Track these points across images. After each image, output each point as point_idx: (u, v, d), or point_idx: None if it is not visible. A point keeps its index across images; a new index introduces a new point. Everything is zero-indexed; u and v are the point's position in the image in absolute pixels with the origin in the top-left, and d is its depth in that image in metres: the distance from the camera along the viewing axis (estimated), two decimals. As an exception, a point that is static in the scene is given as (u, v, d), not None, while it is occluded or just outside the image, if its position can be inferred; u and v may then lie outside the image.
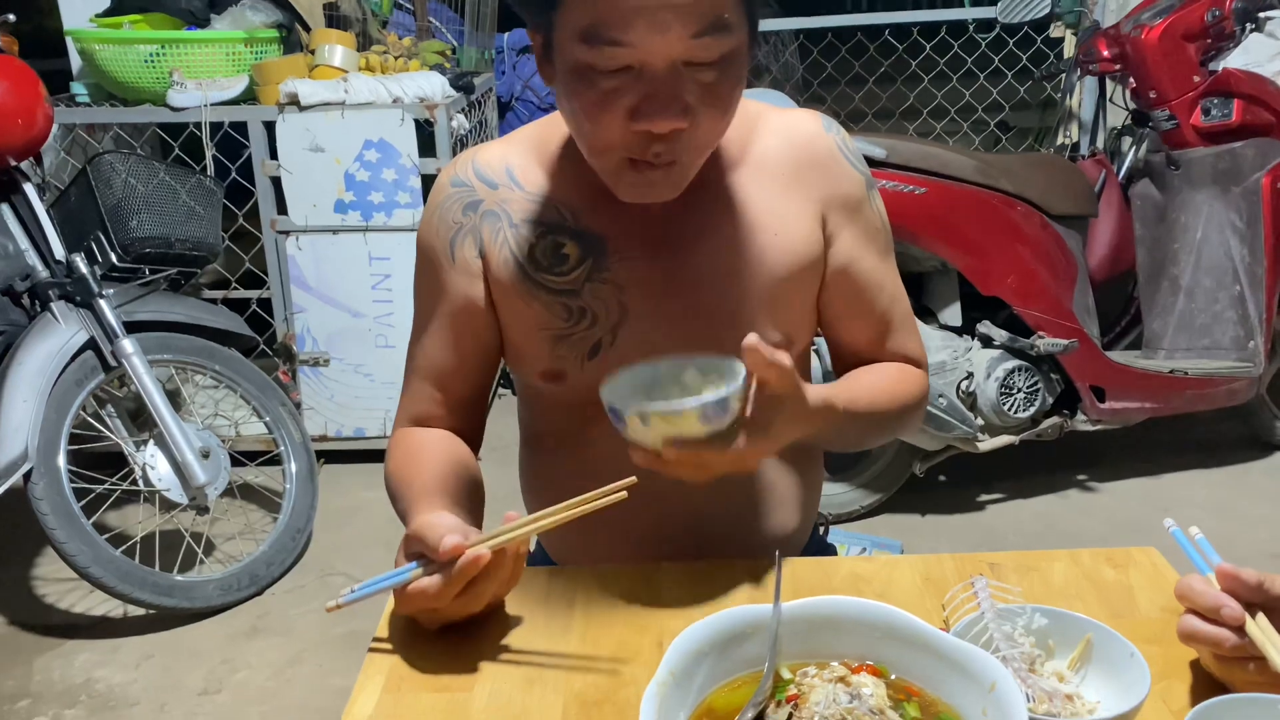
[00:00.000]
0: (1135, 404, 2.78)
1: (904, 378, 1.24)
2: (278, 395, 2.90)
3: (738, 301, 1.16)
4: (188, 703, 2.32)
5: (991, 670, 0.75)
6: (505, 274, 1.17)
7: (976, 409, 2.68)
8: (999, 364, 2.66)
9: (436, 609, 0.96)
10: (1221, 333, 2.82)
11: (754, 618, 0.83)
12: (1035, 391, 2.69)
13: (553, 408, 1.25)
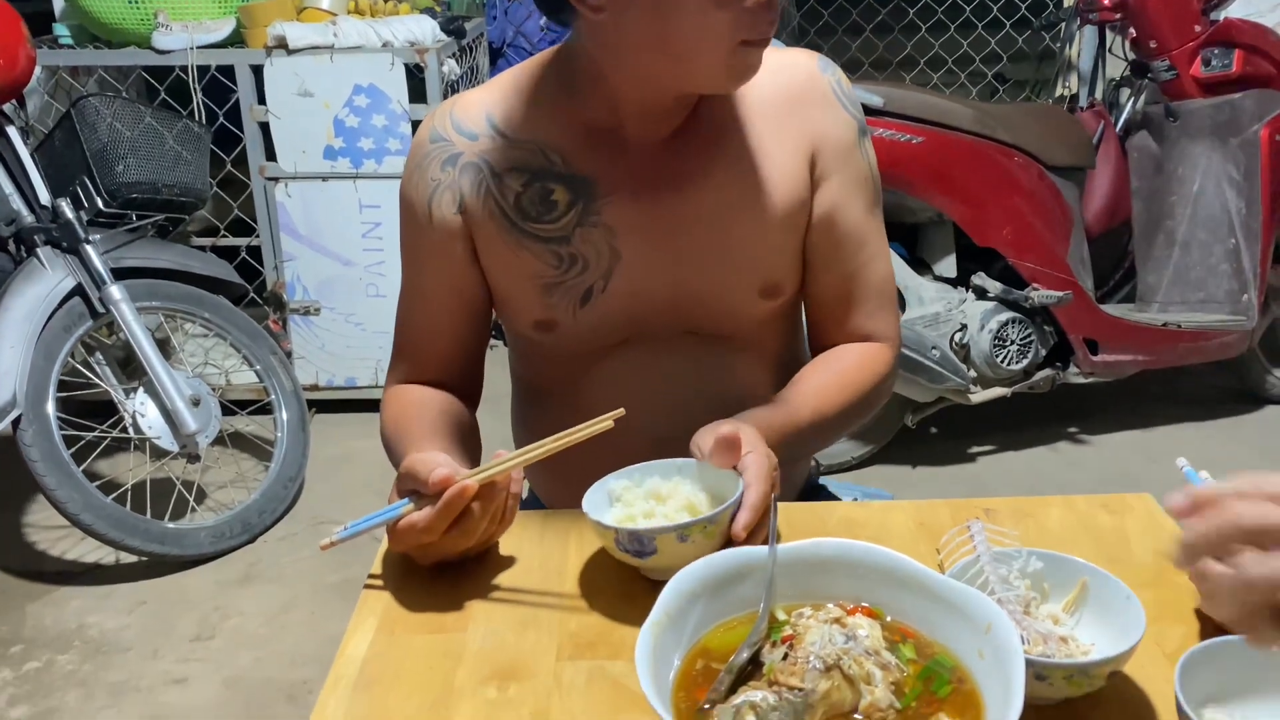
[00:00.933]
0: (1128, 357, 2.78)
1: (860, 368, 1.21)
2: (268, 343, 2.88)
3: (730, 245, 1.14)
4: (180, 648, 2.33)
5: (987, 612, 0.74)
6: (490, 227, 1.14)
7: (969, 361, 2.68)
8: (993, 316, 2.65)
9: (428, 544, 0.95)
10: (1216, 286, 2.81)
11: (749, 559, 0.83)
12: (1028, 344, 2.68)
13: (545, 357, 1.24)
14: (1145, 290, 2.92)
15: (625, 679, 0.86)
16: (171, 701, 2.17)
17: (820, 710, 0.72)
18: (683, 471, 1.03)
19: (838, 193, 1.17)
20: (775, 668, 0.74)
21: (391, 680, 0.87)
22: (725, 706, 0.72)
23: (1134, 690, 0.81)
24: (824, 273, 1.21)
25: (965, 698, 0.73)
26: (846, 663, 0.73)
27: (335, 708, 0.84)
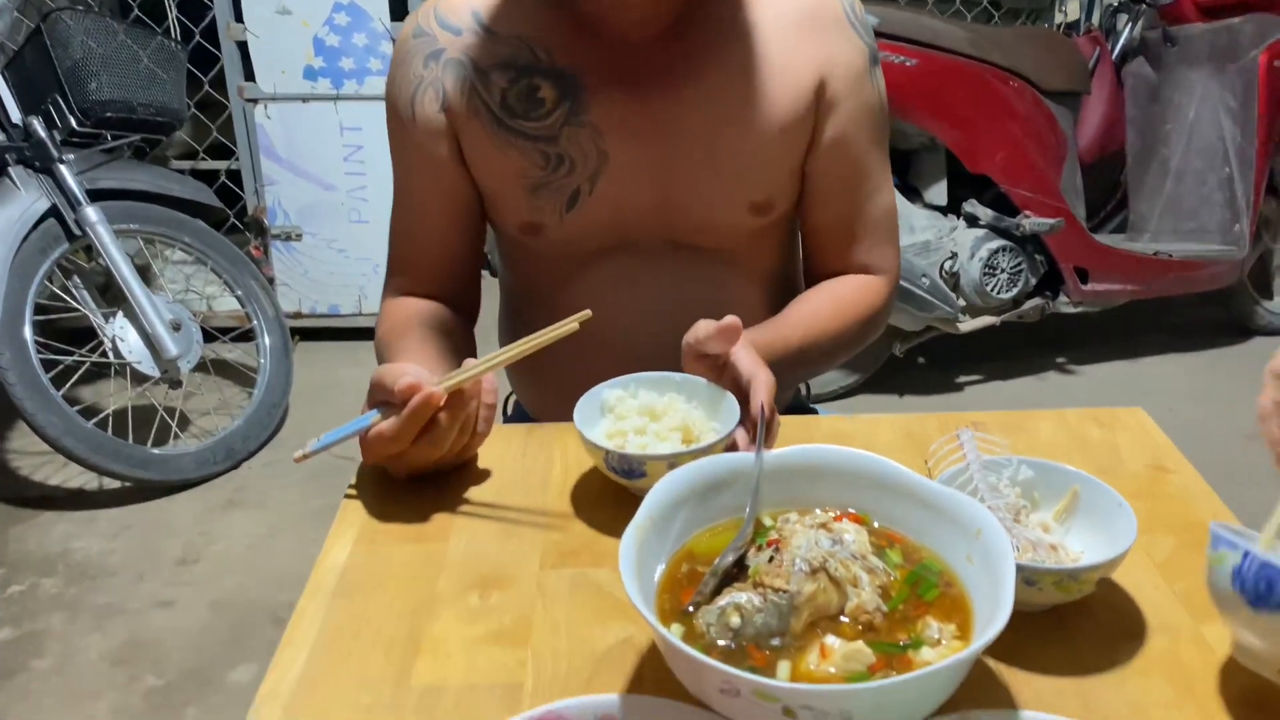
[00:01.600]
0: (1118, 286, 2.76)
1: (856, 298, 1.19)
2: (249, 269, 2.84)
3: (721, 154, 1.11)
4: (166, 572, 2.33)
5: (977, 516, 0.73)
6: (475, 124, 1.11)
7: (959, 289, 2.66)
8: (983, 244, 2.62)
9: (398, 455, 0.93)
10: (1208, 216, 2.79)
11: (735, 465, 0.81)
12: (1018, 272, 2.66)
13: (532, 262, 1.22)
14: (1137, 220, 2.90)
15: (609, 586, 0.84)
16: (157, 624, 2.17)
17: (806, 612, 0.70)
18: (679, 388, 1.01)
19: (845, 120, 1.14)
20: (761, 570, 0.73)
21: (371, 588, 0.85)
22: (710, 608, 0.70)
23: (1123, 598, 0.81)
24: (825, 202, 1.18)
25: (953, 602, 0.72)
26: (833, 565, 0.72)
27: (314, 615, 0.83)
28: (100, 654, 2.08)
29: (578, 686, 0.74)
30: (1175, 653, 0.75)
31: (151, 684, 2.00)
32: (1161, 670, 0.74)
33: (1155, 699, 0.71)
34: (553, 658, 0.77)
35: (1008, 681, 0.73)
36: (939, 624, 0.70)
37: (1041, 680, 0.73)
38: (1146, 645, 0.76)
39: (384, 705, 0.73)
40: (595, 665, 0.76)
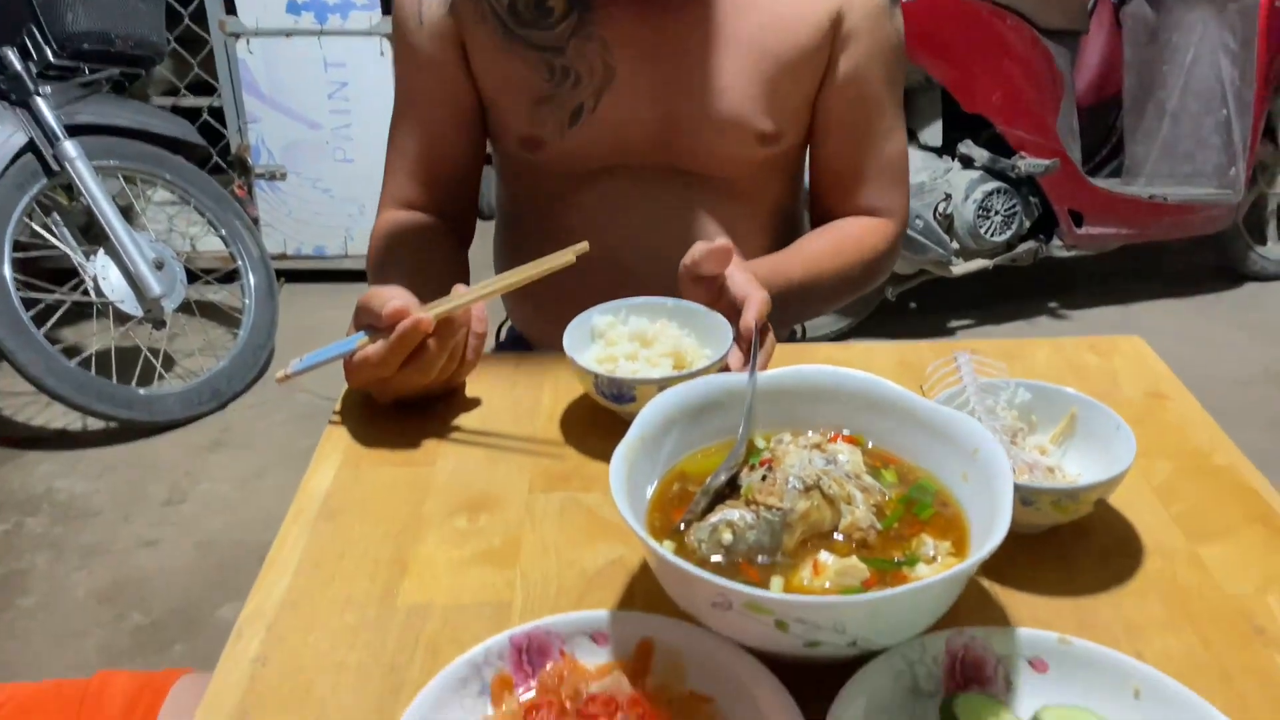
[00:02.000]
0: (1112, 230, 2.74)
1: (861, 239, 1.17)
2: (233, 208, 2.80)
3: (730, 78, 1.08)
4: (152, 512, 2.31)
5: (975, 436, 0.71)
6: (482, 31, 1.08)
7: (953, 232, 2.63)
8: (978, 185, 2.60)
9: (385, 379, 0.91)
10: (1204, 159, 2.76)
11: (728, 386, 0.79)
12: (1013, 214, 2.64)
13: (531, 180, 1.19)
14: (1132, 163, 2.87)
15: (599, 509, 0.83)
16: (143, 564, 2.16)
17: (799, 530, 0.69)
18: (671, 314, 0.99)
19: (861, 56, 1.11)
20: (753, 488, 0.71)
21: (356, 511, 0.84)
22: (702, 524, 0.69)
23: (1119, 520, 0.80)
24: (836, 139, 1.15)
25: (948, 521, 0.71)
26: (826, 483, 0.71)
27: (297, 538, 0.81)
28: (87, 592, 2.07)
29: (568, 605, 0.72)
30: (1171, 574, 0.74)
31: (138, 622, 1.99)
32: (1157, 591, 0.73)
33: (1151, 619, 0.71)
34: (542, 578, 0.76)
35: (1003, 602, 0.72)
36: (934, 541, 0.68)
37: (1037, 600, 0.72)
38: (1143, 567, 0.75)
39: (369, 624, 0.72)
40: (585, 585, 0.75)
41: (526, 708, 0.63)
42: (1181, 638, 0.69)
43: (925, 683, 0.63)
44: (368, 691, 0.67)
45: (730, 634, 0.64)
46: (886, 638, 0.62)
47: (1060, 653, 0.64)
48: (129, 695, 0.90)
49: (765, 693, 0.61)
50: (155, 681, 0.92)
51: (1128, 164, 2.89)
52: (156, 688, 0.91)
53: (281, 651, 0.70)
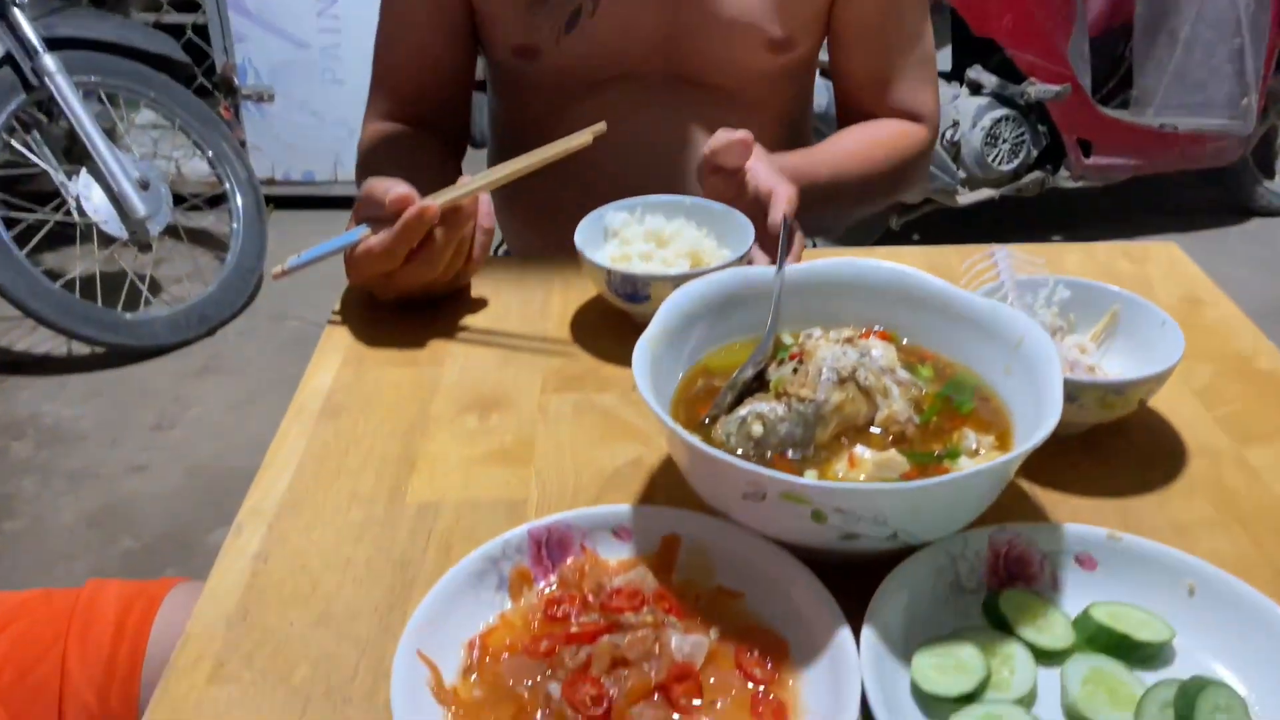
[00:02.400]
0: (1121, 160, 2.69)
1: (893, 140, 1.12)
2: (220, 128, 2.71)
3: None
4: (140, 437, 2.27)
5: (1018, 326, 0.68)
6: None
7: (959, 160, 2.58)
8: (986, 112, 2.54)
9: (389, 273, 0.86)
10: (1216, 89, 2.70)
11: (753, 280, 0.75)
12: (1020, 143, 2.58)
13: (526, 94, 1.13)
14: (1142, 93, 2.80)
15: (615, 410, 0.79)
16: (133, 489, 2.12)
17: (833, 423, 0.65)
18: (689, 213, 0.94)
19: None
20: (784, 380, 0.67)
21: (360, 409, 0.80)
22: (730, 418, 0.65)
23: (1160, 422, 0.76)
24: (863, 45, 1.10)
25: (991, 414, 0.67)
26: (862, 374, 0.67)
27: (298, 436, 0.77)
28: (75, 517, 2.04)
29: (585, 504, 0.69)
30: (1217, 475, 0.71)
31: (128, 546, 1.96)
32: (1204, 491, 0.70)
33: (1198, 518, 0.67)
34: (558, 477, 0.72)
35: (1043, 502, 0.69)
36: (977, 435, 0.65)
37: (1079, 501, 0.69)
38: (1187, 468, 0.72)
39: (377, 521, 0.68)
40: (603, 484, 0.71)
41: (547, 601, 0.59)
42: (1231, 537, 0.66)
43: (967, 579, 0.60)
44: (377, 586, 0.63)
45: (761, 528, 0.60)
46: (928, 531, 0.59)
47: (1109, 549, 0.60)
48: (122, 604, 0.86)
49: (799, 587, 0.58)
50: (149, 590, 0.89)
51: (1137, 94, 2.83)
52: (150, 596, 0.88)
53: (283, 549, 0.66)
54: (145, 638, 0.84)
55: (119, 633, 0.84)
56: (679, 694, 0.54)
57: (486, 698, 0.54)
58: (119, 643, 0.83)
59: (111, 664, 0.82)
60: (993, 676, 0.55)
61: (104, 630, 0.84)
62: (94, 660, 0.83)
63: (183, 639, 0.60)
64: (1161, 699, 0.52)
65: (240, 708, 0.55)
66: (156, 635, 0.84)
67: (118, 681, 0.82)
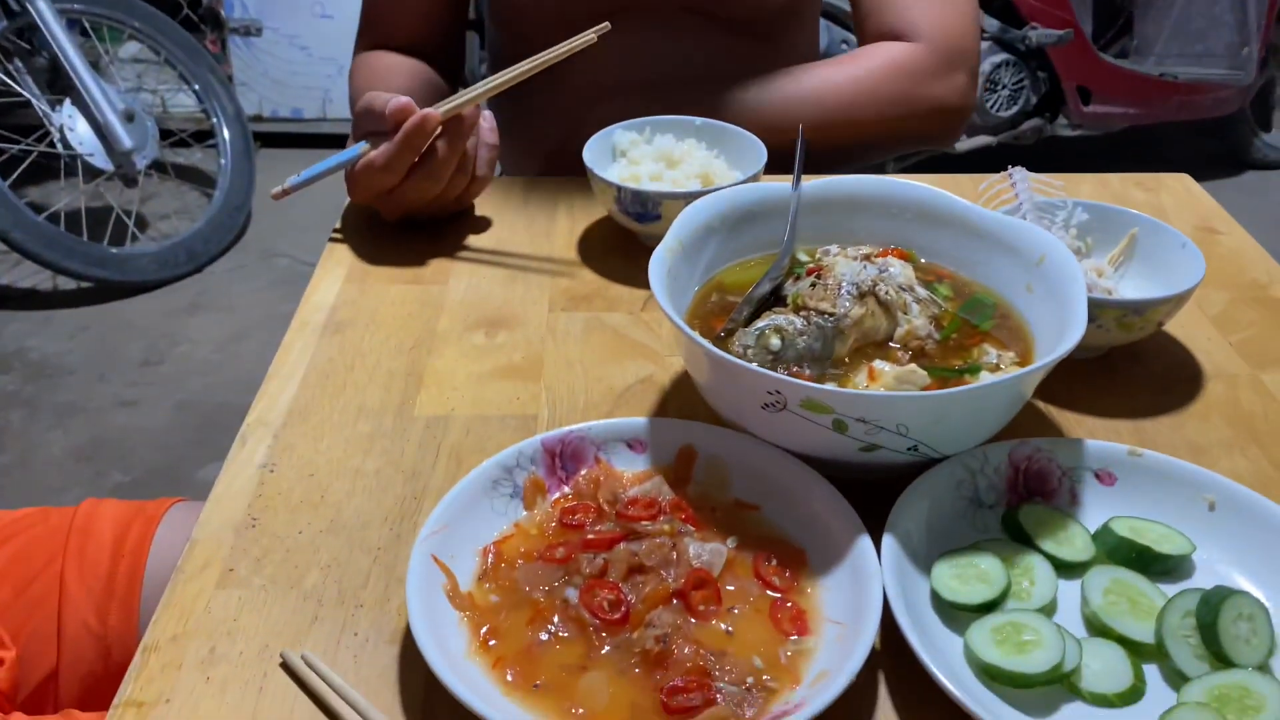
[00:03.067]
0: (1119, 109, 2.67)
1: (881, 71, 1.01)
2: (207, 61, 2.66)
3: None
4: (128, 373, 2.25)
5: (1040, 242, 0.66)
6: None
7: (957, 105, 2.55)
8: (986, 57, 2.51)
9: (392, 190, 0.84)
10: (1216, 38, 2.68)
11: (770, 195, 0.73)
12: (1020, 89, 2.56)
13: (527, 23, 1.09)
14: (1142, 42, 2.78)
15: (625, 328, 0.78)
16: (121, 423, 2.10)
17: (852, 337, 0.64)
18: (699, 133, 0.92)
19: None
20: (803, 294, 0.66)
21: (365, 325, 0.78)
22: (748, 330, 0.64)
23: (1176, 347, 0.76)
24: None
25: (1011, 331, 0.66)
26: (883, 289, 0.65)
27: (302, 349, 0.76)
28: (64, 450, 2.02)
29: (597, 419, 0.67)
30: (1234, 398, 0.71)
31: (118, 480, 1.95)
32: (1221, 413, 0.69)
33: (1215, 439, 0.67)
34: (569, 393, 0.71)
35: (1060, 422, 0.68)
36: (997, 351, 0.64)
37: (1096, 422, 0.68)
38: (1204, 391, 0.71)
39: (385, 433, 0.67)
40: (614, 400, 0.70)
41: (562, 509, 0.59)
42: (1249, 458, 0.65)
43: (986, 494, 0.60)
44: (387, 496, 0.62)
45: (779, 439, 0.59)
46: (948, 444, 0.58)
47: (1129, 464, 0.60)
48: (120, 523, 0.85)
49: (818, 497, 0.57)
50: (148, 510, 0.87)
51: (1137, 43, 2.80)
52: (149, 516, 0.86)
53: (290, 458, 0.65)
54: (144, 557, 0.83)
55: (117, 551, 0.83)
56: (697, 600, 0.53)
57: (503, 602, 0.53)
58: (117, 561, 0.82)
59: (110, 583, 0.81)
60: (1012, 587, 0.54)
61: (101, 549, 0.83)
62: (92, 578, 0.82)
63: (189, 545, 0.59)
64: (1183, 608, 0.52)
65: (251, 611, 0.55)
66: (155, 554, 0.83)
67: (117, 600, 0.81)
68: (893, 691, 0.51)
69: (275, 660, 0.52)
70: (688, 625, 0.52)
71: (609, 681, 0.49)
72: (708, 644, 0.51)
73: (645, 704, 0.48)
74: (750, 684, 0.49)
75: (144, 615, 0.81)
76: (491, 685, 0.49)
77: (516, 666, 0.50)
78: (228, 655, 0.52)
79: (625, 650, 0.51)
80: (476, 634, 0.51)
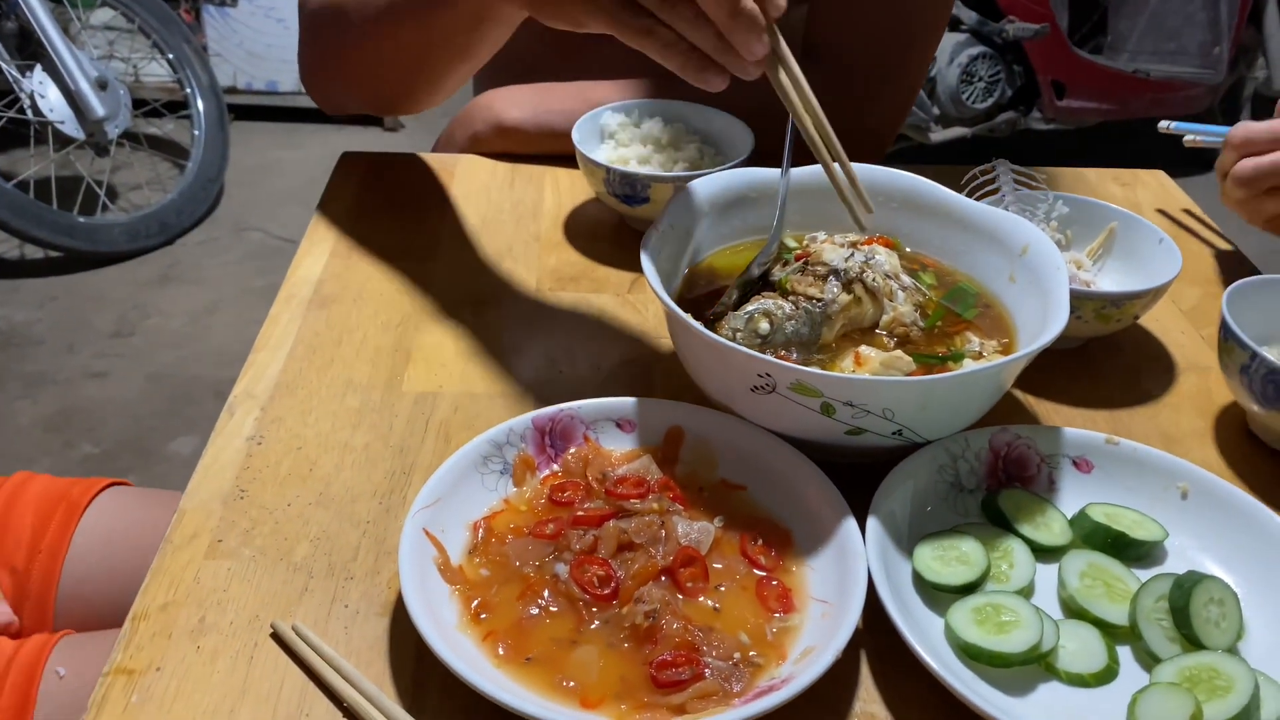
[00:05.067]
0: (1093, 104, 2.70)
1: None
2: (181, 30, 2.62)
3: None
4: (98, 344, 2.22)
5: (1023, 232, 0.68)
6: None
7: (935, 96, 2.57)
8: (963, 49, 2.53)
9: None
10: (1189, 37, 2.71)
11: (758, 180, 0.74)
12: (996, 81, 2.58)
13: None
14: (1116, 39, 2.81)
15: (612, 310, 0.78)
16: (91, 394, 2.08)
17: (839, 323, 0.65)
18: (688, 118, 0.93)
19: None
20: (791, 279, 0.67)
21: (353, 300, 0.78)
22: (737, 314, 0.65)
23: (1151, 340, 0.78)
24: None
25: (994, 320, 0.67)
26: (869, 276, 0.67)
27: (289, 323, 0.76)
28: (32, 420, 2.00)
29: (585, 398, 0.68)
30: (1206, 389, 0.72)
31: (88, 451, 1.93)
32: (1193, 404, 0.71)
33: (1188, 429, 0.69)
34: (557, 373, 0.72)
35: (1039, 412, 0.70)
36: (980, 339, 0.65)
37: (1073, 412, 0.70)
38: (1178, 382, 0.73)
39: (374, 408, 0.67)
40: (603, 380, 0.71)
41: (552, 486, 0.59)
42: (1220, 448, 0.67)
43: (967, 479, 0.61)
44: (377, 470, 0.63)
45: (767, 422, 0.60)
46: (931, 429, 0.59)
47: (1106, 452, 0.61)
48: (41, 514, 0.81)
49: (804, 478, 0.58)
50: (73, 495, 0.83)
51: (1111, 39, 2.83)
52: (73, 502, 0.82)
53: (278, 430, 0.65)
54: (61, 555, 0.79)
55: (34, 548, 0.79)
56: (685, 578, 0.54)
57: (493, 576, 0.54)
58: (32, 558, 0.79)
59: (25, 577, 0.79)
60: (992, 569, 0.56)
61: (19, 545, 0.80)
62: (4, 572, 0.79)
63: (177, 515, 0.59)
64: (1157, 592, 0.53)
65: (241, 581, 0.55)
66: (80, 544, 0.80)
67: (31, 600, 0.78)
68: (875, 669, 0.52)
69: (265, 631, 0.52)
70: (676, 601, 0.53)
71: (599, 655, 0.50)
72: (696, 620, 0.52)
73: (634, 677, 0.49)
74: (737, 659, 0.50)
75: (60, 610, 0.78)
76: (483, 658, 0.50)
77: (508, 640, 0.51)
78: (218, 625, 0.53)
79: (615, 625, 0.51)
80: (468, 607, 0.52)
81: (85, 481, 0.86)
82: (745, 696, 0.48)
